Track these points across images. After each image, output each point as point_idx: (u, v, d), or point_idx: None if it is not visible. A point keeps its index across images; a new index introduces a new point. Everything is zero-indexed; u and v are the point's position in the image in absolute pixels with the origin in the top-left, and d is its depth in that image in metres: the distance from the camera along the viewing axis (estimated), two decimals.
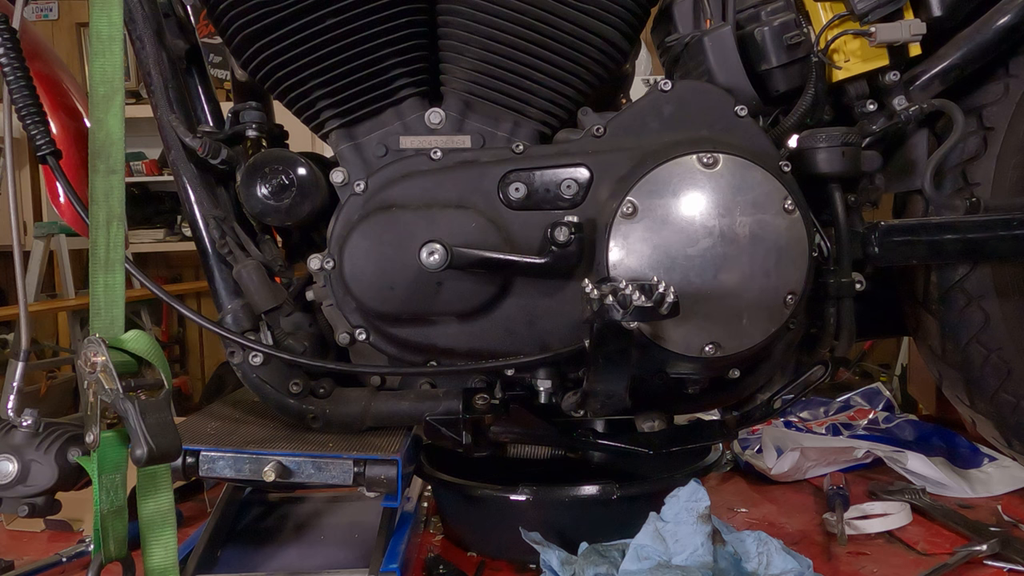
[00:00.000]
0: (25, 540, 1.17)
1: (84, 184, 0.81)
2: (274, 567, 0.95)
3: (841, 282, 0.98)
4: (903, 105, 1.03)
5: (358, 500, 1.15)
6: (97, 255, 0.78)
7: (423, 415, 0.98)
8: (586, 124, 0.98)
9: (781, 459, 1.31)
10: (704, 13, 1.09)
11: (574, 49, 0.97)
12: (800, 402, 1.39)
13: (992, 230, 1.01)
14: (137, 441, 0.70)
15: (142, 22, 0.97)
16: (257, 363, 0.97)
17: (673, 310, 0.70)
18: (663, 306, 0.69)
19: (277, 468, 0.89)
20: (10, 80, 0.89)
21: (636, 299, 0.69)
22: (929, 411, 1.81)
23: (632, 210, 0.89)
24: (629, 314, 0.70)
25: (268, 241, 1.03)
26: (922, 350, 1.17)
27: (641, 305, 0.69)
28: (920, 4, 1.02)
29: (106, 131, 0.79)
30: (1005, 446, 1.15)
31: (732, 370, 0.98)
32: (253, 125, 1.03)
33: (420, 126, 0.99)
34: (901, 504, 1.13)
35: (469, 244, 0.91)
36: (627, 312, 0.69)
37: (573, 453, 1.08)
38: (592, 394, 0.83)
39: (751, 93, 1.02)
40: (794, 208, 0.90)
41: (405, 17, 0.95)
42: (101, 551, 0.73)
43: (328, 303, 0.99)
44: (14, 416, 0.76)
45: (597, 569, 0.88)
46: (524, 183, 0.95)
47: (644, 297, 0.69)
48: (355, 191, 0.96)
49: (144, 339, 0.77)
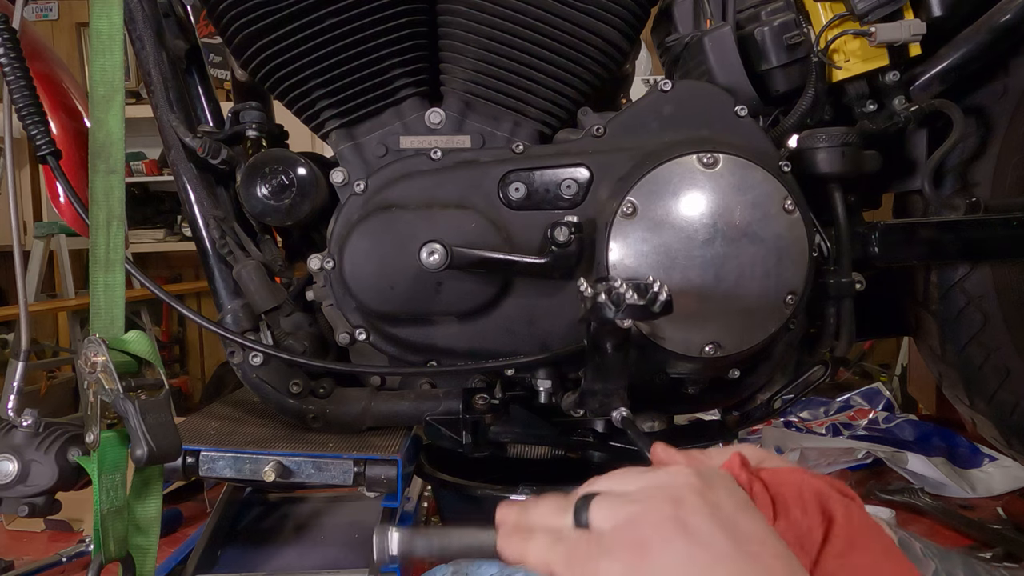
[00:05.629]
0: (25, 540, 1.17)
1: (84, 184, 0.80)
2: (274, 567, 0.95)
3: (841, 282, 0.97)
4: (903, 105, 1.03)
5: (358, 500, 1.15)
6: (97, 255, 0.78)
7: (423, 415, 0.98)
8: (586, 124, 0.97)
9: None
10: (704, 13, 1.10)
11: (574, 49, 0.97)
12: (800, 402, 1.39)
13: (992, 230, 1.01)
14: (137, 441, 0.70)
15: (142, 22, 0.97)
16: (257, 363, 0.97)
17: (665, 308, 0.71)
18: (656, 304, 0.70)
19: (277, 468, 0.89)
20: (10, 80, 0.89)
21: (629, 297, 0.70)
22: (929, 411, 1.81)
23: (632, 210, 0.89)
24: (622, 311, 0.70)
25: (268, 241, 1.03)
26: (922, 350, 1.17)
27: (634, 303, 0.70)
28: (920, 4, 1.02)
29: (106, 131, 0.79)
30: (1005, 446, 1.15)
31: (732, 370, 0.98)
32: (253, 125, 1.03)
33: (420, 126, 0.99)
34: (889, 511, 1.12)
35: (469, 244, 0.91)
36: (620, 310, 0.70)
37: (573, 453, 1.08)
38: (591, 393, 0.83)
39: (751, 93, 1.02)
40: (794, 208, 0.90)
41: (405, 17, 0.95)
42: (101, 551, 0.73)
43: (328, 303, 0.99)
44: (14, 416, 0.76)
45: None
46: (524, 183, 0.95)
47: (637, 295, 0.70)
48: (355, 191, 0.96)
49: (144, 340, 0.77)
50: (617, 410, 0.80)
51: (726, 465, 0.56)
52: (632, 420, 0.80)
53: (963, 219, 1.02)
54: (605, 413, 0.82)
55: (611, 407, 0.81)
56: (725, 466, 0.56)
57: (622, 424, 0.79)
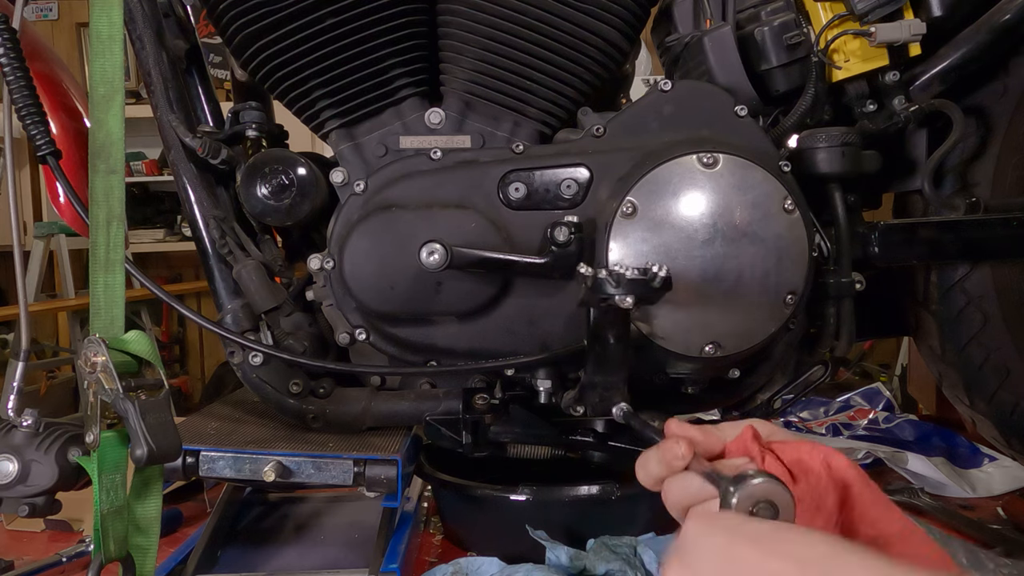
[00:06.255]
0: (25, 540, 1.17)
1: (84, 184, 0.80)
2: (274, 567, 0.95)
3: (841, 282, 0.98)
4: (903, 105, 1.02)
5: (358, 500, 1.15)
6: (97, 255, 0.78)
7: (423, 415, 0.98)
8: (586, 124, 0.97)
9: None
10: (704, 13, 1.09)
11: (574, 49, 0.97)
12: (800, 402, 1.39)
13: (992, 230, 1.01)
14: (137, 441, 0.70)
15: (142, 22, 0.97)
16: (257, 363, 0.97)
17: (665, 284, 0.72)
18: (656, 280, 0.71)
19: (277, 468, 0.89)
20: (10, 80, 0.89)
21: (629, 274, 0.71)
22: (929, 411, 1.81)
23: (632, 210, 0.89)
24: (623, 287, 0.70)
25: (268, 241, 1.03)
26: (922, 350, 1.17)
27: (634, 278, 0.70)
28: (920, 4, 1.02)
29: (106, 131, 0.79)
30: (1005, 446, 1.15)
31: (732, 370, 0.98)
32: (253, 125, 1.03)
33: (420, 126, 0.99)
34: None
35: (469, 244, 0.91)
36: (620, 286, 0.70)
37: (573, 453, 1.08)
38: (591, 386, 0.83)
39: (751, 93, 1.02)
40: (794, 208, 0.90)
41: (405, 17, 0.95)
42: (101, 551, 0.73)
43: (328, 303, 0.99)
44: (14, 416, 0.76)
45: (609, 565, 0.88)
46: (524, 183, 0.95)
47: (637, 272, 0.71)
48: (355, 191, 0.96)
49: (144, 340, 0.77)
50: (617, 405, 0.80)
51: (737, 440, 0.57)
52: (634, 412, 0.80)
53: (963, 219, 1.02)
54: (605, 408, 0.82)
55: (611, 402, 0.81)
56: (736, 441, 0.57)
57: (624, 419, 0.79)
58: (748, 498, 0.48)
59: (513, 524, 0.96)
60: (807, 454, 0.55)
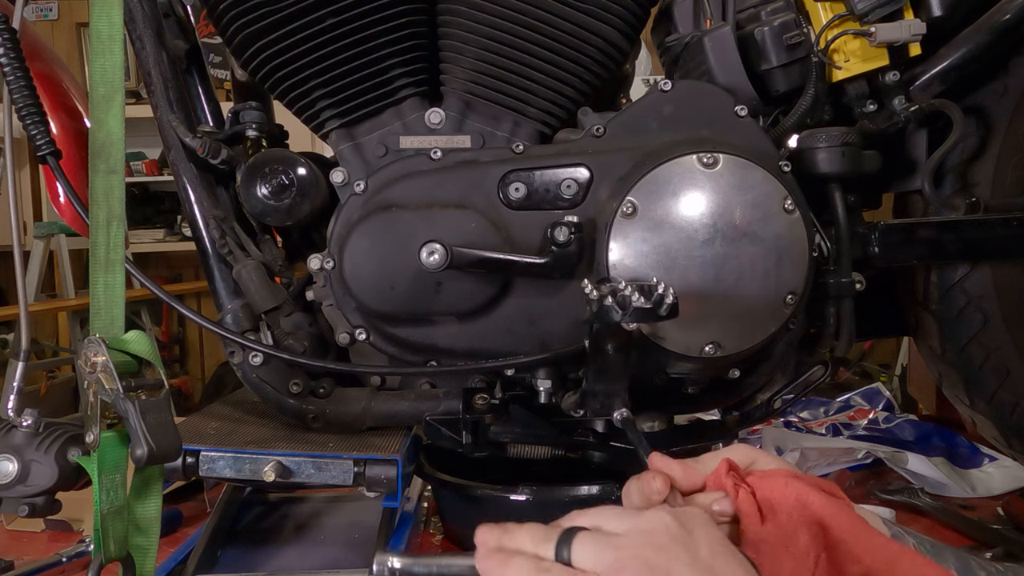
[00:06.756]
0: (25, 540, 1.17)
1: (84, 184, 0.80)
2: (274, 567, 0.95)
3: (841, 282, 0.97)
4: (903, 105, 1.02)
5: (358, 500, 1.15)
6: (97, 255, 0.78)
7: (423, 415, 0.98)
8: (586, 124, 0.97)
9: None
10: (704, 13, 1.09)
11: (574, 49, 0.97)
12: (800, 402, 1.39)
13: (992, 230, 1.01)
14: (137, 441, 0.70)
15: (142, 22, 0.97)
16: (257, 363, 0.97)
17: (672, 311, 0.70)
18: (662, 307, 0.69)
19: (277, 468, 0.89)
20: (10, 80, 0.89)
21: (636, 300, 0.69)
22: (929, 411, 1.81)
23: (632, 210, 0.89)
24: (628, 315, 0.70)
25: (268, 241, 1.03)
26: (922, 350, 1.17)
27: (641, 306, 0.69)
28: (920, 4, 1.02)
29: (106, 131, 0.79)
30: (1005, 446, 1.15)
31: (732, 370, 0.98)
32: (253, 125, 1.03)
33: (420, 126, 0.99)
34: (889, 511, 1.12)
35: (469, 244, 0.91)
36: (626, 313, 0.70)
37: (573, 453, 1.08)
38: (592, 394, 0.83)
39: (751, 93, 1.02)
40: (794, 208, 0.90)
41: (405, 17, 0.95)
42: (101, 551, 0.73)
43: (328, 303, 0.99)
44: (14, 416, 0.76)
45: None
46: (524, 183, 0.95)
47: (644, 298, 0.69)
48: (355, 191, 0.96)
49: (144, 340, 0.77)
50: (618, 411, 0.80)
51: (713, 474, 0.57)
52: (632, 421, 0.80)
53: (963, 219, 1.02)
54: (606, 414, 0.82)
55: (612, 408, 0.81)
56: (712, 475, 0.57)
57: (622, 425, 0.79)
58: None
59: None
60: (779, 491, 0.54)
